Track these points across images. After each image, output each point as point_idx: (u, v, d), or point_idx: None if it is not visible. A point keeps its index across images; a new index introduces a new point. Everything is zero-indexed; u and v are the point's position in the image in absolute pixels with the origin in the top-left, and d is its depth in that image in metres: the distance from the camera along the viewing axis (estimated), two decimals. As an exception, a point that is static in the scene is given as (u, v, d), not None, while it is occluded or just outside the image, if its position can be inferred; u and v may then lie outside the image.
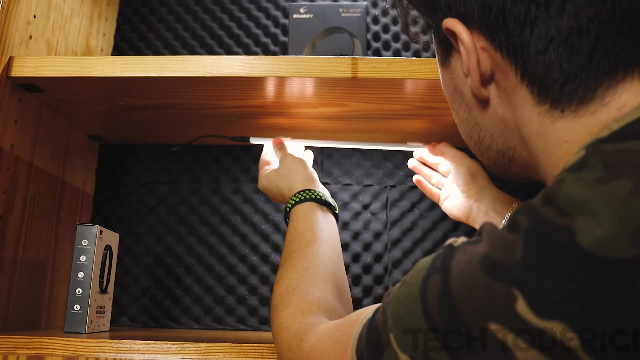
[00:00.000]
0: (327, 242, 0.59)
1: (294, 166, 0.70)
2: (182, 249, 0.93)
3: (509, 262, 0.28)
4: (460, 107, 0.43)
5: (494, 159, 0.43)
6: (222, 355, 0.61)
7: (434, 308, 0.30)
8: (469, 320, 0.28)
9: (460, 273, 0.30)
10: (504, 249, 0.28)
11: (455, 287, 0.29)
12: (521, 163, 0.41)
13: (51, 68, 0.68)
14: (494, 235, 0.30)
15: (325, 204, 0.64)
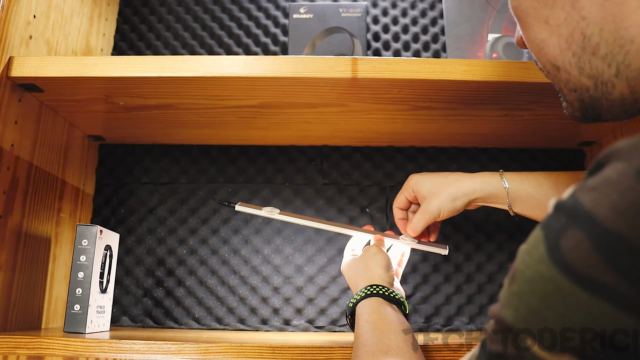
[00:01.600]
0: (405, 338, 0.52)
1: (375, 261, 0.66)
2: (182, 249, 0.93)
3: None
4: (556, 5, 0.35)
5: (596, 71, 0.35)
6: (222, 355, 0.61)
7: (596, 269, 0.22)
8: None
9: (616, 204, 0.22)
10: None
11: (620, 224, 0.22)
12: (634, 68, 0.33)
13: (51, 68, 0.68)
14: (639, 143, 0.23)
15: (397, 302, 0.59)
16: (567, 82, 0.38)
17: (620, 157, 0.24)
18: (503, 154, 0.98)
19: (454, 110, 0.79)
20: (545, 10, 0.36)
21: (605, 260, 0.22)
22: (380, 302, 0.58)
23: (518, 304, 0.25)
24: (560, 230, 0.24)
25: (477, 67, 0.67)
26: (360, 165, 0.97)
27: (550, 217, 0.26)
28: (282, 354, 0.61)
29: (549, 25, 0.37)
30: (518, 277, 0.26)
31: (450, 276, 0.92)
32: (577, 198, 0.24)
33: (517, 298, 0.25)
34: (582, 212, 0.23)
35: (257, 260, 0.93)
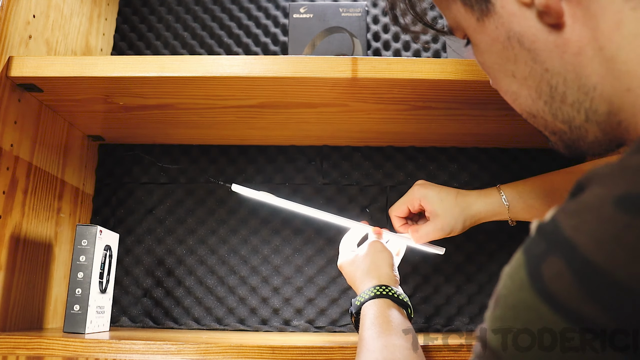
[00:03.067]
0: (408, 340, 0.53)
1: (379, 259, 0.66)
2: (182, 249, 0.93)
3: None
4: (519, 60, 0.37)
5: (568, 118, 0.36)
6: (222, 355, 0.61)
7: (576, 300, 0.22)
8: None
9: (595, 234, 0.22)
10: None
11: (600, 255, 0.22)
12: (601, 112, 0.34)
13: (51, 68, 0.68)
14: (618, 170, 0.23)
15: (402, 304, 0.59)
16: (545, 127, 0.39)
17: (600, 181, 0.24)
18: (503, 154, 0.97)
19: (454, 110, 0.79)
20: (510, 66, 0.38)
21: (584, 291, 0.22)
22: (388, 304, 0.58)
23: (495, 319, 0.26)
24: (541, 257, 0.24)
25: (477, 67, 0.67)
26: (360, 165, 0.96)
27: (532, 240, 0.26)
28: (282, 354, 0.61)
29: (517, 79, 0.38)
30: (501, 302, 0.26)
31: (451, 276, 0.92)
32: (558, 223, 0.24)
33: (501, 323, 0.25)
34: (562, 239, 0.24)
35: (256, 260, 0.93)
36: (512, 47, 0.36)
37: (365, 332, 0.54)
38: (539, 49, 0.35)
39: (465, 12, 0.39)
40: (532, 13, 0.34)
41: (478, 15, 0.37)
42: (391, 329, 0.53)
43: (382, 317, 0.55)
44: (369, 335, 0.53)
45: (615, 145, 0.37)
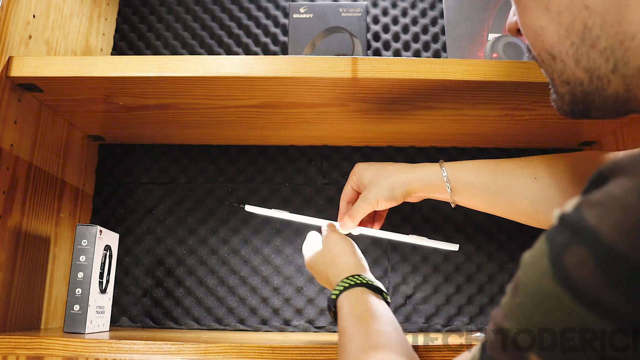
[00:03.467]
0: (390, 324, 0.51)
1: (339, 250, 0.64)
2: (182, 249, 0.93)
3: None
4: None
5: (593, 65, 0.34)
6: (222, 355, 0.61)
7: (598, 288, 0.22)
8: None
9: (620, 223, 0.22)
10: None
11: (624, 243, 0.22)
12: (632, 66, 0.32)
13: (51, 68, 0.68)
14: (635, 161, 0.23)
15: (377, 290, 0.58)
16: (561, 73, 0.37)
17: (625, 172, 0.24)
18: (503, 154, 0.97)
19: (454, 110, 0.79)
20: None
21: (608, 280, 0.22)
22: (362, 291, 0.56)
23: (520, 316, 0.25)
24: (564, 246, 0.24)
25: (477, 67, 0.67)
26: (360, 165, 0.96)
27: (555, 229, 0.26)
28: (282, 354, 0.61)
29: (549, 12, 0.35)
30: (521, 289, 0.26)
31: (451, 276, 0.92)
32: (581, 212, 0.24)
33: (520, 311, 0.25)
34: (586, 229, 0.23)
35: (257, 260, 0.93)
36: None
37: (345, 322, 0.52)
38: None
39: None
40: None
41: None
42: (370, 316, 0.52)
43: (360, 305, 0.54)
44: (349, 324, 0.51)
45: (628, 110, 0.35)
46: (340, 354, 0.49)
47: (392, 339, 0.48)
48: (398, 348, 0.47)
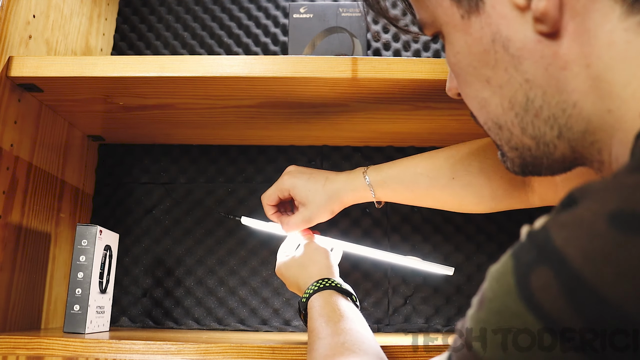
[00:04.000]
0: (357, 322, 0.53)
1: (314, 255, 0.66)
2: (181, 249, 0.93)
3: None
4: (499, 66, 0.35)
5: (538, 134, 0.35)
6: (222, 355, 0.61)
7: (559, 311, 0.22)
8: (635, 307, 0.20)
9: (586, 249, 0.22)
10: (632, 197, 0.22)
11: (589, 271, 0.22)
12: (576, 131, 0.33)
13: (51, 68, 0.68)
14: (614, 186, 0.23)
15: (346, 292, 0.60)
16: (508, 140, 0.38)
17: (595, 196, 0.24)
18: (503, 154, 0.97)
19: (454, 110, 0.79)
20: (487, 71, 0.36)
21: (571, 304, 0.22)
22: (332, 293, 0.59)
23: (484, 332, 0.25)
24: (530, 265, 0.24)
25: (477, 67, 0.67)
26: (361, 165, 0.96)
27: (522, 246, 0.26)
28: (282, 354, 0.61)
29: (491, 85, 0.36)
30: (486, 305, 0.26)
31: (450, 277, 0.92)
32: (549, 232, 0.24)
33: (484, 326, 0.25)
34: (553, 250, 0.23)
35: (257, 260, 0.93)
36: (495, 51, 0.35)
37: (314, 322, 0.54)
38: (524, 57, 0.33)
39: (450, 7, 0.36)
40: (526, 18, 0.32)
41: (464, 12, 0.35)
42: (339, 316, 0.53)
43: (329, 306, 0.55)
44: (318, 324, 0.53)
45: (574, 166, 0.36)
46: (310, 353, 0.50)
47: (359, 338, 0.49)
48: (364, 347, 0.48)
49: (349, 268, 0.91)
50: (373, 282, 0.92)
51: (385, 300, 0.91)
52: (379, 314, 0.90)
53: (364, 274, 0.92)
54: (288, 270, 0.67)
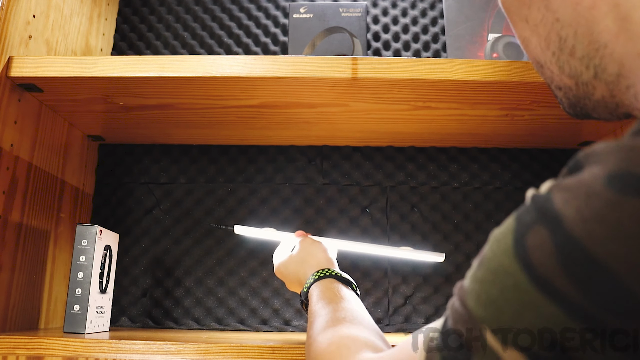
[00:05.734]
0: (357, 304, 0.54)
1: (312, 249, 0.67)
2: (181, 249, 0.93)
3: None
4: (533, 5, 0.35)
5: (576, 72, 0.35)
6: (222, 355, 0.61)
7: (549, 269, 0.22)
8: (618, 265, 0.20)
9: (582, 209, 0.22)
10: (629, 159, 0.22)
11: (581, 230, 0.22)
12: (611, 72, 0.32)
13: (51, 68, 0.68)
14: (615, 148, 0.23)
15: (346, 281, 0.60)
16: (551, 79, 0.38)
17: (598, 160, 0.24)
18: (503, 154, 0.97)
19: (454, 110, 0.79)
20: (524, 10, 0.36)
21: (562, 265, 0.22)
22: (331, 281, 0.59)
23: (480, 291, 0.26)
24: (529, 225, 0.24)
25: (477, 67, 0.67)
26: (360, 165, 0.96)
27: (525, 208, 0.26)
28: (282, 354, 0.61)
29: (529, 25, 0.37)
30: (484, 264, 0.26)
31: (451, 276, 0.92)
32: (551, 195, 0.25)
33: (480, 285, 0.26)
34: (552, 211, 0.24)
35: (256, 260, 0.93)
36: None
37: (314, 305, 0.55)
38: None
39: None
40: None
41: None
42: (339, 298, 0.54)
43: (329, 291, 0.56)
44: (318, 307, 0.54)
45: (622, 114, 0.35)
46: (309, 329, 0.50)
47: (359, 315, 0.50)
48: (365, 322, 0.48)
49: (349, 267, 0.91)
50: (373, 282, 0.92)
51: (385, 300, 0.91)
52: (379, 314, 0.90)
53: (363, 274, 0.92)
54: (287, 268, 0.68)
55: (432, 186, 0.96)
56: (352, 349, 0.40)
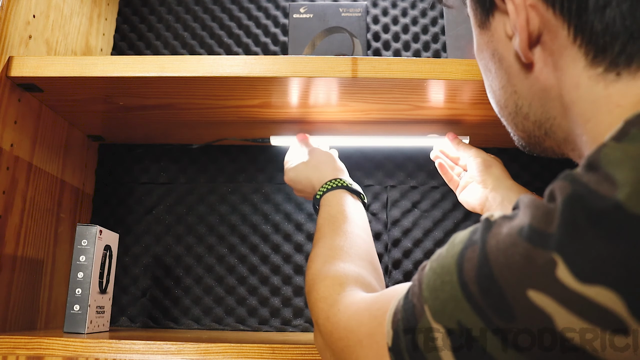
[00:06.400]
0: (359, 225, 0.60)
1: (325, 157, 0.72)
2: (181, 249, 0.93)
3: (550, 231, 0.27)
4: (498, 74, 0.41)
5: (529, 130, 0.41)
6: (222, 355, 0.61)
7: (470, 278, 0.29)
8: (507, 288, 0.28)
9: (499, 242, 0.29)
10: (544, 217, 0.28)
11: (493, 255, 0.29)
12: (558, 136, 0.39)
13: (51, 68, 0.68)
14: (533, 205, 0.29)
15: (355, 192, 0.66)
16: (507, 128, 0.45)
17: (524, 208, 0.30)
18: (503, 153, 0.97)
19: (454, 110, 0.79)
20: (489, 74, 0.43)
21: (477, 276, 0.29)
22: (342, 193, 0.64)
23: (430, 277, 0.33)
24: (472, 242, 0.31)
25: (477, 67, 0.67)
26: (361, 165, 0.96)
27: (477, 227, 0.32)
28: (282, 354, 0.61)
29: (493, 85, 0.43)
30: (439, 259, 0.33)
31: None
32: (492, 224, 0.31)
33: (432, 273, 0.33)
34: (485, 238, 0.30)
35: (256, 260, 0.93)
36: (494, 62, 0.41)
37: (322, 220, 0.61)
38: (513, 74, 0.39)
39: (473, 13, 0.43)
40: (512, 45, 0.38)
41: (479, 23, 0.42)
42: (344, 217, 0.60)
43: (337, 207, 0.62)
44: (325, 223, 0.60)
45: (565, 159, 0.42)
46: (313, 248, 0.57)
47: (357, 242, 0.56)
48: (360, 252, 0.55)
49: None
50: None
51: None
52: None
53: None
54: (298, 175, 0.72)
55: (432, 186, 0.96)
56: (343, 285, 0.47)
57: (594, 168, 0.28)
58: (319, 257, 0.54)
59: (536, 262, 0.27)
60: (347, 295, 0.45)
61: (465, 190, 0.74)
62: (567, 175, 0.29)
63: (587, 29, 0.33)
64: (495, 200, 0.69)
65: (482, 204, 0.71)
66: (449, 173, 0.78)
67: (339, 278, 0.49)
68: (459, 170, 0.78)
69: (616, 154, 0.27)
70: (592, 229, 0.26)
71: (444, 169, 0.78)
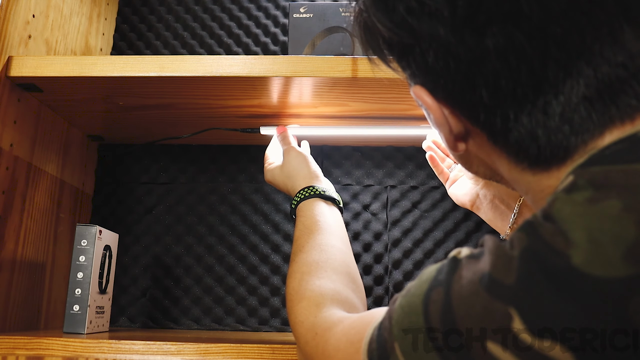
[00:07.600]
0: (334, 234, 0.60)
1: (297, 163, 0.71)
2: (181, 249, 0.93)
3: (507, 282, 0.28)
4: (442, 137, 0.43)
5: (483, 176, 0.45)
6: (222, 355, 0.61)
7: (435, 322, 0.31)
8: (469, 339, 0.29)
9: (462, 289, 0.30)
10: (503, 268, 0.29)
11: (456, 303, 0.30)
12: (509, 185, 0.42)
13: (50, 68, 0.68)
14: (495, 252, 0.30)
15: (329, 198, 0.65)
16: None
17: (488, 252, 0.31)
18: (503, 153, 0.97)
19: (454, 110, 0.78)
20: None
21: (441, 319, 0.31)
22: (316, 201, 0.64)
23: (399, 314, 0.34)
24: (438, 283, 0.32)
25: (478, 67, 0.67)
26: (361, 165, 0.96)
27: (443, 266, 0.33)
28: (282, 354, 0.61)
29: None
30: (408, 295, 0.34)
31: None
32: (458, 266, 0.32)
33: (400, 309, 0.34)
34: (449, 280, 0.31)
35: (256, 260, 0.93)
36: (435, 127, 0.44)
37: (298, 232, 0.61)
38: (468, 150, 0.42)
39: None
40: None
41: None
42: (318, 228, 0.60)
43: (311, 218, 0.62)
44: (300, 234, 0.60)
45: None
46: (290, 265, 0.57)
47: (332, 255, 0.56)
48: (335, 265, 0.55)
49: (349, 268, 0.91)
50: (373, 279, 0.92)
51: (386, 299, 0.91)
52: (379, 313, 0.90)
53: (364, 271, 0.92)
54: (275, 179, 0.73)
55: (432, 186, 0.96)
56: (320, 306, 0.48)
57: (549, 219, 0.29)
58: (296, 275, 0.54)
59: (494, 314, 0.28)
60: (324, 318, 0.46)
61: (455, 184, 0.74)
62: (525, 225, 0.30)
63: (503, 139, 0.35)
64: (486, 197, 0.69)
65: (473, 200, 0.71)
66: (439, 165, 0.77)
67: (315, 298, 0.49)
68: (449, 162, 0.78)
69: (566, 209, 0.28)
70: (547, 286, 0.27)
71: (434, 162, 0.77)
